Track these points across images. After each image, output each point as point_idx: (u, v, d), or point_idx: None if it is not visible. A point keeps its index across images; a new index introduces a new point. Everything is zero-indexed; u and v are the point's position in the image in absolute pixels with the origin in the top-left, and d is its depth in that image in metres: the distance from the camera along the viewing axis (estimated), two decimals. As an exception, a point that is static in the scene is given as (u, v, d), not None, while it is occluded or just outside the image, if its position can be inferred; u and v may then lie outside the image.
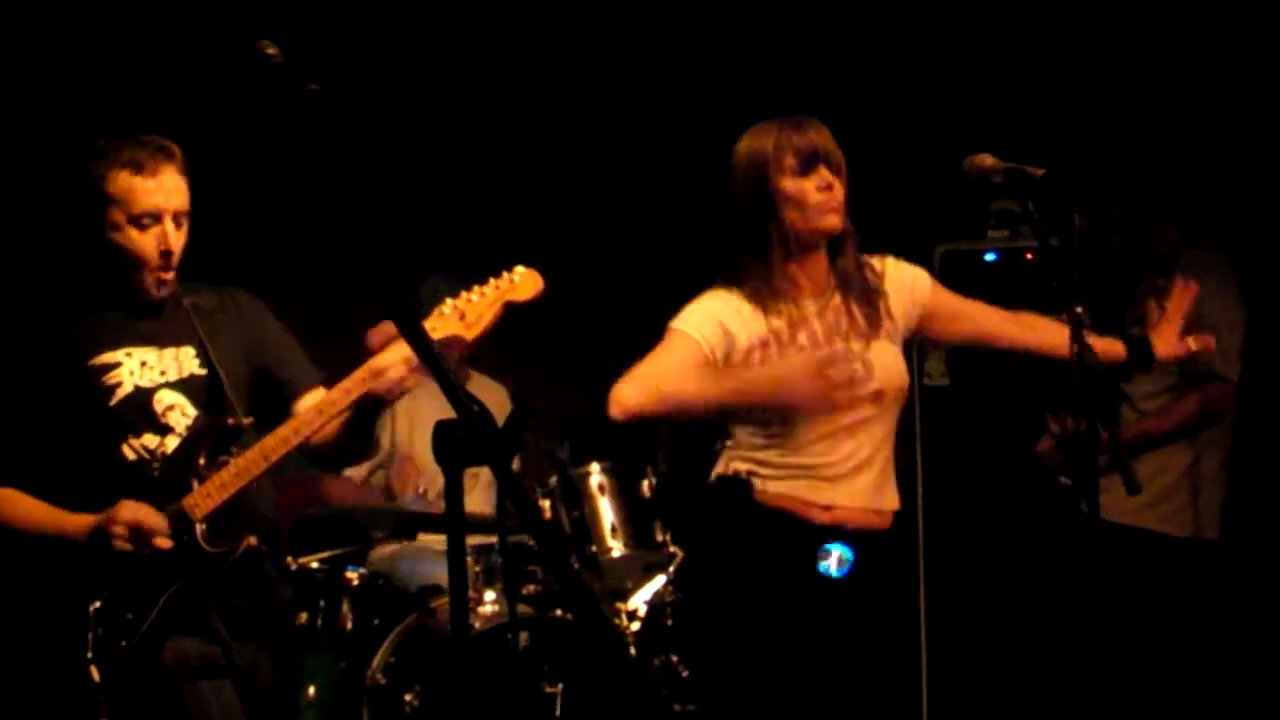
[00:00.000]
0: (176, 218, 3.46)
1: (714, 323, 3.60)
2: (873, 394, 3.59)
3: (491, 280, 3.37)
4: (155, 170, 3.43)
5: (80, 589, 3.34)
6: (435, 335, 3.32)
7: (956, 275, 5.49)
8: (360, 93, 5.44)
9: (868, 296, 3.65)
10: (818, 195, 3.56)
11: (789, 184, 3.57)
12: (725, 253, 3.66)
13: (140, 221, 3.43)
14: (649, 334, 4.28)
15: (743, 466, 3.61)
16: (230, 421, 3.43)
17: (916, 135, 5.71)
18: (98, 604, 3.32)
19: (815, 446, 3.57)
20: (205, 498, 3.34)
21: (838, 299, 3.63)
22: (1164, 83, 5.38)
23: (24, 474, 3.46)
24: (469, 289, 3.37)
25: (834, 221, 3.59)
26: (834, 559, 3.57)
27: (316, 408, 3.36)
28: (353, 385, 3.33)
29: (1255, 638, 5.05)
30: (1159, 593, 4.56)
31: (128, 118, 4.82)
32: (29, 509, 3.44)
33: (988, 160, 3.55)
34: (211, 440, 3.41)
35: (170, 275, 3.49)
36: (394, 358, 3.30)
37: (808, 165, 3.56)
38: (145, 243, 3.44)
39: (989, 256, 5.55)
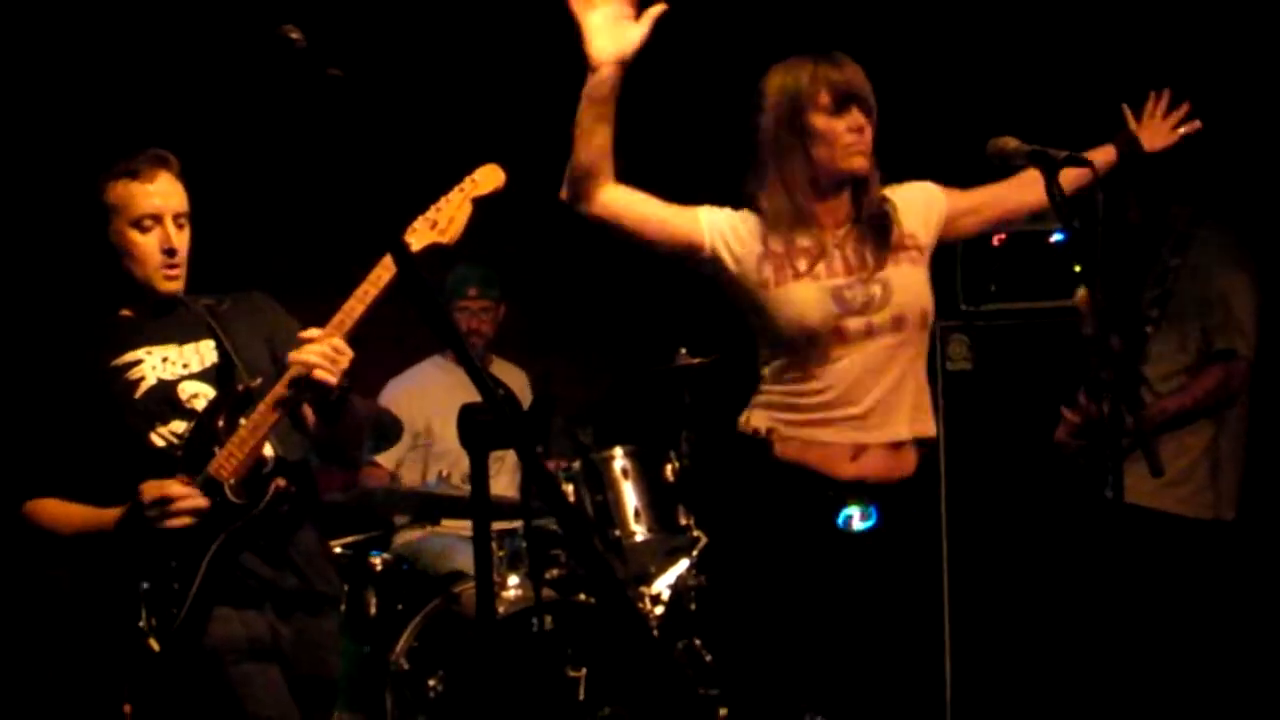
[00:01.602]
0: (176, 219, 3.55)
1: (726, 217, 3.61)
2: (892, 319, 3.55)
3: (455, 186, 3.46)
4: (151, 176, 3.53)
5: (125, 572, 3.39)
6: (413, 249, 3.36)
7: (979, 257, 5.52)
8: (384, 78, 5.45)
9: (882, 224, 3.61)
10: (848, 136, 3.54)
11: (821, 121, 3.55)
12: (746, 181, 3.63)
13: (141, 224, 3.52)
14: (671, 319, 4.29)
15: (763, 424, 3.58)
16: (240, 388, 3.49)
17: (939, 118, 5.70)
18: (146, 586, 3.37)
19: (842, 377, 3.53)
20: (228, 458, 3.41)
21: (854, 231, 3.61)
22: (1175, 61, 5.36)
23: (60, 481, 3.52)
24: (434, 200, 3.45)
25: (861, 164, 3.57)
26: (856, 516, 3.56)
27: (267, 402, 3.43)
28: (281, 390, 3.40)
29: (1274, 619, 5.03)
30: (1178, 575, 4.55)
31: (146, 114, 4.85)
32: (68, 514, 3.50)
33: (1011, 143, 3.53)
34: (227, 408, 3.48)
35: (176, 271, 3.56)
36: (303, 355, 3.35)
37: (841, 104, 3.54)
38: (148, 244, 3.53)
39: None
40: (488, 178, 3.46)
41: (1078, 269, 3.64)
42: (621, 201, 3.54)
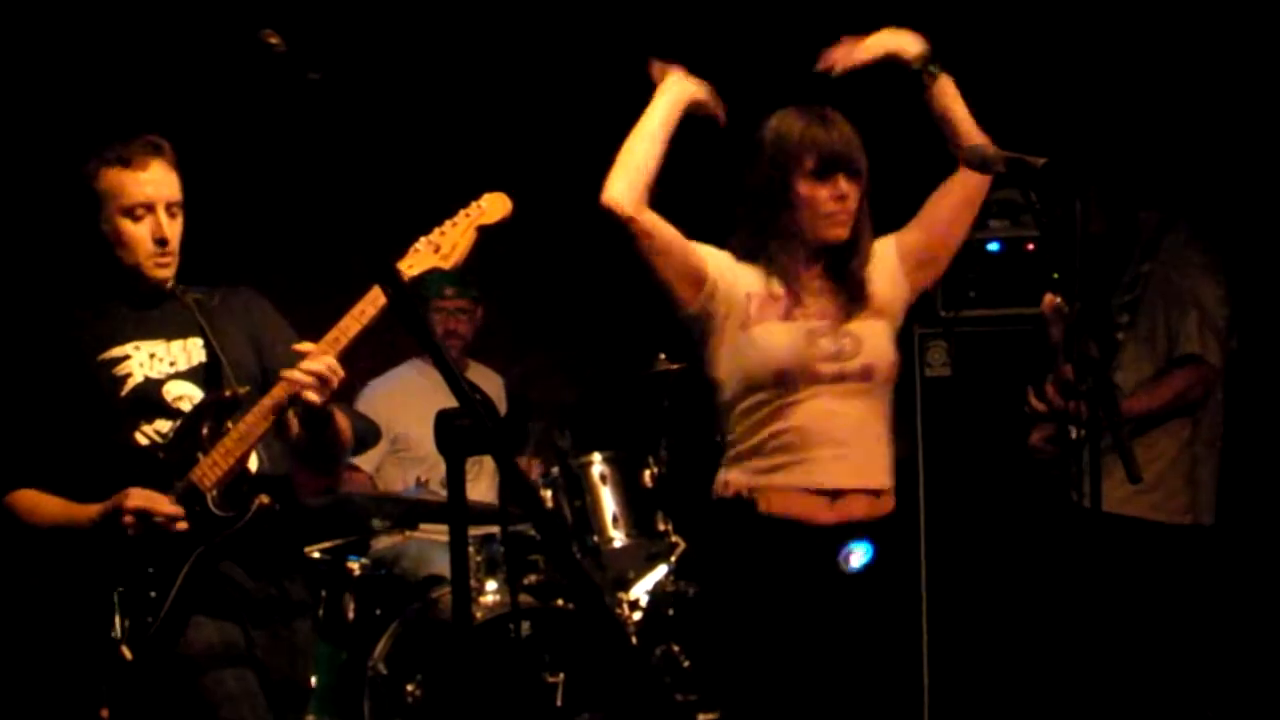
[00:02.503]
0: (169, 208, 3.52)
1: (723, 255, 3.65)
2: (861, 369, 3.59)
3: (461, 211, 3.43)
4: (143, 164, 3.49)
5: (101, 577, 3.38)
6: (413, 271, 3.38)
7: (957, 264, 5.53)
8: (363, 83, 5.44)
9: (854, 282, 3.64)
10: (830, 205, 3.56)
11: (804, 187, 3.56)
12: (736, 222, 3.66)
13: (133, 213, 3.48)
14: (649, 325, 4.28)
15: (743, 485, 3.59)
16: (228, 393, 3.48)
17: (915, 125, 5.70)
18: (121, 589, 3.37)
19: (814, 417, 3.55)
20: (212, 467, 3.39)
21: (829, 285, 3.63)
22: (1138, 66, 5.38)
23: (41, 473, 3.50)
24: (440, 224, 3.43)
25: (840, 234, 3.59)
26: (855, 556, 3.58)
27: (261, 409, 3.41)
28: (270, 402, 3.40)
29: (1251, 622, 5.05)
30: (1156, 581, 4.56)
31: (130, 114, 4.83)
32: (46, 507, 3.49)
33: (989, 149, 3.54)
34: (212, 414, 3.46)
35: (167, 260, 3.53)
36: (296, 373, 3.36)
37: (826, 171, 3.55)
38: (139, 232, 3.50)
39: (991, 246, 5.55)
40: (495, 207, 3.43)
41: (1056, 276, 3.63)
42: (655, 218, 3.59)
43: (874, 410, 3.64)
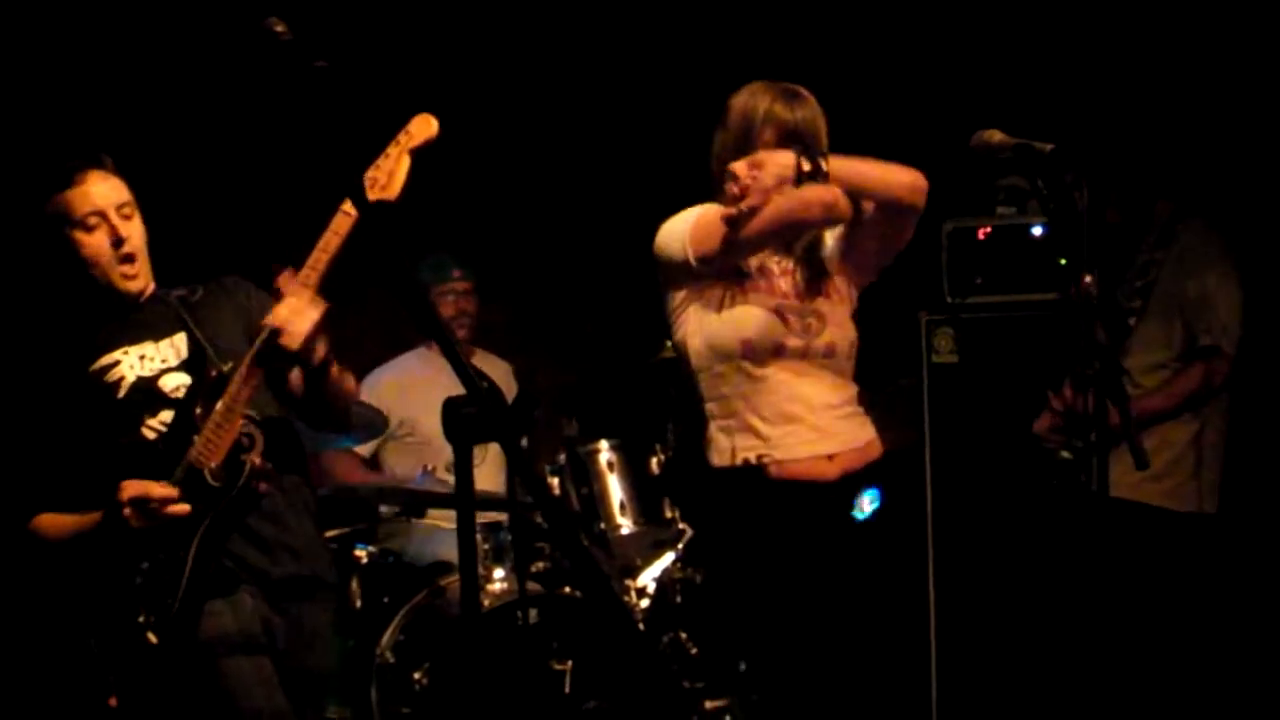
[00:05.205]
0: (119, 209, 3.57)
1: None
2: (825, 347, 3.69)
3: (390, 141, 3.42)
4: (82, 178, 3.55)
5: (118, 569, 3.41)
6: (359, 211, 3.35)
7: (963, 252, 5.52)
8: (369, 71, 5.43)
9: (817, 259, 3.73)
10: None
11: None
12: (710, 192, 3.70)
13: (85, 224, 3.54)
14: (650, 313, 4.29)
15: (751, 454, 3.65)
16: (213, 373, 3.49)
17: (923, 111, 5.70)
18: (139, 577, 3.39)
19: (782, 393, 3.65)
20: (206, 444, 3.42)
21: (792, 260, 3.72)
22: (1155, 58, 5.37)
23: (56, 497, 3.54)
24: (372, 160, 3.42)
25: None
26: (866, 503, 3.67)
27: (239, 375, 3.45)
28: (248, 363, 3.42)
29: (1254, 611, 5.04)
30: (1162, 567, 4.56)
31: (137, 116, 4.82)
32: (62, 524, 3.52)
33: (996, 136, 3.53)
34: (202, 396, 3.48)
35: (134, 270, 3.58)
36: (279, 317, 3.36)
37: (782, 146, 3.58)
38: (97, 241, 3.55)
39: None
40: (421, 128, 3.42)
41: (1063, 262, 3.63)
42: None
43: (841, 382, 3.75)
